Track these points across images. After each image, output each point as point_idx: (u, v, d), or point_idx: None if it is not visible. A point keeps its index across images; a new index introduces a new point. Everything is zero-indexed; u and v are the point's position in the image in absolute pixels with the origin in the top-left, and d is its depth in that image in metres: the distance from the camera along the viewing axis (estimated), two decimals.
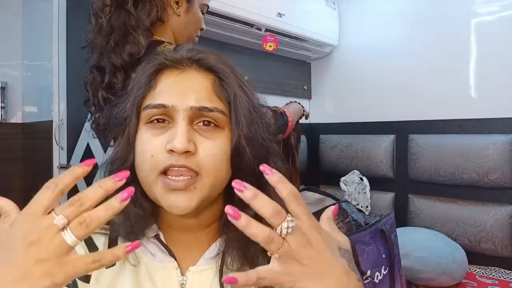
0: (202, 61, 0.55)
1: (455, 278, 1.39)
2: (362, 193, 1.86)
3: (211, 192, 0.52)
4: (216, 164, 0.51)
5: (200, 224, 0.57)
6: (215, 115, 0.52)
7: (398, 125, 1.96)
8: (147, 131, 0.52)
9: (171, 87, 0.53)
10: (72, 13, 2.03)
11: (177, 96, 0.52)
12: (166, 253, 0.55)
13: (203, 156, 0.50)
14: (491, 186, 1.62)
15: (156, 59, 0.56)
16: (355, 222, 0.96)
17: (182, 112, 0.51)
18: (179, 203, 0.50)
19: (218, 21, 1.58)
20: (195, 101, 0.51)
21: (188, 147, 0.48)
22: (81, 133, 1.92)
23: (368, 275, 0.89)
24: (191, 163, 0.49)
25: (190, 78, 0.54)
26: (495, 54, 1.66)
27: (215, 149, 0.51)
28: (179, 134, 0.49)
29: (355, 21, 2.18)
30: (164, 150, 0.49)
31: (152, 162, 0.50)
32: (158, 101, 0.52)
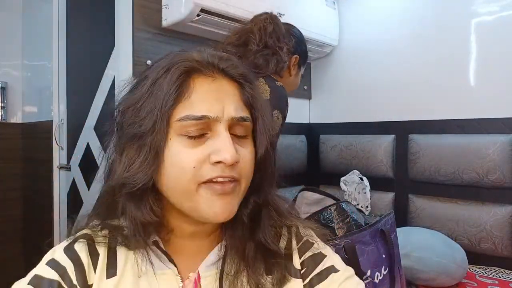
0: (227, 69, 0.54)
1: (455, 278, 1.39)
2: (362, 193, 1.86)
3: (242, 196, 0.54)
4: (250, 171, 0.54)
5: (204, 231, 0.57)
6: (247, 125, 0.54)
7: (398, 125, 1.96)
8: (183, 142, 0.50)
9: (208, 96, 0.51)
10: (72, 13, 2.03)
11: (217, 106, 0.51)
12: (166, 260, 0.55)
13: (243, 165, 0.52)
14: (491, 186, 1.62)
15: (183, 59, 0.52)
16: (355, 222, 0.96)
17: (225, 122, 0.51)
18: (226, 207, 0.50)
19: (218, 21, 1.58)
20: (235, 111, 0.52)
21: (237, 157, 0.49)
22: (81, 133, 1.92)
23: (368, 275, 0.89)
24: (236, 173, 0.51)
25: (223, 87, 0.53)
26: (495, 54, 1.66)
27: (249, 156, 0.53)
28: (228, 146, 0.49)
29: (355, 21, 2.18)
30: (208, 161, 0.49)
31: (194, 173, 0.49)
32: (199, 113, 0.50)
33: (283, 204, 0.64)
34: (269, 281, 0.55)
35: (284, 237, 0.61)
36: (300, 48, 1.40)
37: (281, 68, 1.24)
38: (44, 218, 2.13)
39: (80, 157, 1.92)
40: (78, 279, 0.51)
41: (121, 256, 0.55)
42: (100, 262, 0.54)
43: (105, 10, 1.69)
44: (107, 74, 1.72)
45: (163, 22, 1.58)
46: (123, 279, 0.53)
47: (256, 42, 1.19)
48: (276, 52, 1.21)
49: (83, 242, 0.55)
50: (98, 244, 0.55)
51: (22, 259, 2.40)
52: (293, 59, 1.34)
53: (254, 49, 1.18)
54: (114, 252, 0.55)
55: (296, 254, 0.60)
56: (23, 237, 2.41)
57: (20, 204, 2.41)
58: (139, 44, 1.53)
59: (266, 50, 1.20)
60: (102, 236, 0.56)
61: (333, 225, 0.95)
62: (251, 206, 0.57)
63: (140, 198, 0.53)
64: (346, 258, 0.86)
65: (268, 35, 1.20)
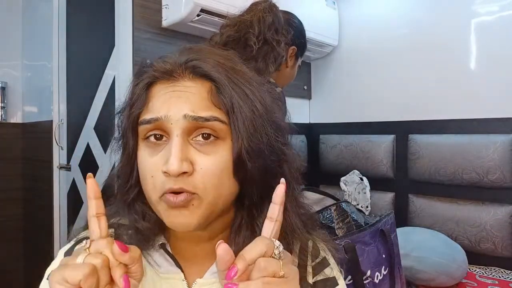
0: (197, 68, 0.50)
1: (455, 278, 1.39)
2: (362, 193, 1.86)
3: (213, 209, 0.49)
4: (215, 182, 0.47)
5: (208, 235, 0.55)
6: (213, 125, 0.48)
7: (398, 125, 1.96)
8: (145, 149, 0.49)
9: (163, 98, 0.49)
10: (72, 13, 2.03)
11: (168, 106, 0.48)
12: (173, 263, 0.54)
13: (201, 175, 0.47)
14: (491, 186, 1.62)
15: (146, 72, 0.52)
16: (355, 222, 0.96)
17: (176, 123, 0.47)
18: (180, 220, 0.47)
19: (218, 21, 1.57)
20: (189, 110, 0.47)
21: (181, 168, 0.45)
22: (81, 133, 1.92)
23: (368, 275, 0.89)
24: (189, 185, 0.46)
25: (183, 88, 0.49)
26: (495, 54, 1.66)
27: (214, 166, 0.47)
28: (172, 154, 0.45)
29: (355, 21, 2.18)
30: (161, 171, 0.47)
31: (152, 183, 0.48)
32: (150, 116, 0.48)
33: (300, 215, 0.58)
34: None
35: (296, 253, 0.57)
36: (298, 40, 1.37)
37: (279, 64, 1.23)
38: (44, 218, 2.13)
39: (80, 157, 1.92)
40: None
41: None
42: None
43: (105, 10, 1.69)
44: (107, 74, 1.72)
45: (163, 22, 1.58)
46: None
47: (255, 37, 1.16)
48: (274, 48, 1.18)
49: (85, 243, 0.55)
50: None
51: (22, 259, 2.40)
52: (290, 50, 1.31)
53: (254, 49, 1.16)
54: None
55: (310, 274, 0.57)
56: (23, 237, 2.41)
57: (20, 204, 2.41)
58: (139, 44, 1.53)
59: (264, 47, 1.18)
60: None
61: (333, 225, 0.95)
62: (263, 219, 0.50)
63: (129, 200, 0.53)
64: (346, 258, 0.86)
65: (267, 27, 1.17)
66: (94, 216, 0.44)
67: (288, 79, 1.39)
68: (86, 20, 1.95)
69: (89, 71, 1.88)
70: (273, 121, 0.52)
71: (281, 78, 1.31)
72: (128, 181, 0.53)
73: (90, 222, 0.44)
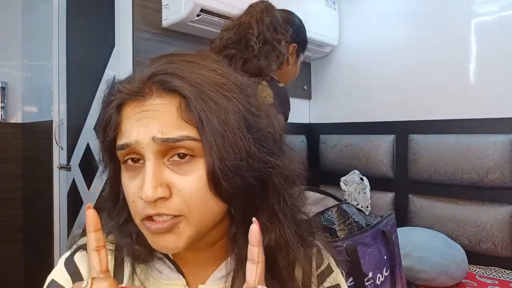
0: (164, 83, 0.46)
1: (455, 278, 1.39)
2: (362, 193, 1.86)
3: (201, 229, 0.47)
4: (199, 201, 0.45)
5: (206, 243, 0.53)
6: (186, 144, 0.44)
7: (398, 125, 1.96)
8: (125, 173, 0.48)
9: (132, 121, 0.46)
10: (72, 13, 2.02)
11: (138, 130, 0.45)
12: (174, 270, 0.53)
13: (181, 197, 0.44)
14: (491, 186, 1.62)
15: (113, 94, 0.49)
16: (356, 224, 0.96)
17: (146, 146, 0.44)
18: (167, 245, 0.45)
19: (218, 21, 1.57)
20: (158, 132, 0.44)
21: (156, 195, 0.43)
22: (81, 133, 1.92)
23: (370, 276, 0.89)
24: (168, 209, 0.44)
25: (151, 107, 0.46)
26: (495, 54, 1.66)
27: (192, 187, 0.45)
28: (145, 181, 0.43)
29: (355, 21, 2.18)
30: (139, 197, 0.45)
31: (134, 208, 0.46)
32: (123, 141, 0.46)
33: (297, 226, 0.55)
34: None
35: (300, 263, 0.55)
36: (298, 37, 1.38)
37: (281, 62, 1.23)
38: (44, 218, 2.13)
39: (80, 157, 1.92)
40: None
41: (129, 263, 0.53)
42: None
43: (105, 10, 1.69)
44: (107, 74, 1.72)
45: (163, 22, 1.58)
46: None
47: (255, 37, 1.17)
48: (275, 47, 1.20)
49: (83, 253, 0.53)
50: None
51: (22, 259, 2.39)
52: (291, 48, 1.32)
53: (255, 49, 1.17)
54: (121, 261, 0.53)
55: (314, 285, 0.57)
56: (23, 237, 2.41)
57: (20, 204, 2.41)
58: (139, 44, 1.53)
59: (265, 47, 1.19)
60: (109, 242, 0.54)
61: (334, 226, 0.95)
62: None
63: (123, 226, 0.52)
64: (348, 260, 0.86)
65: (266, 27, 1.18)
66: (94, 250, 0.43)
67: (290, 76, 1.40)
68: (86, 20, 1.95)
69: (89, 71, 1.88)
70: (257, 130, 0.48)
71: (284, 76, 1.32)
72: (116, 204, 0.52)
73: (90, 256, 0.43)
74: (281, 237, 0.51)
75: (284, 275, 0.51)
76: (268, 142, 0.49)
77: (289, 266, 0.52)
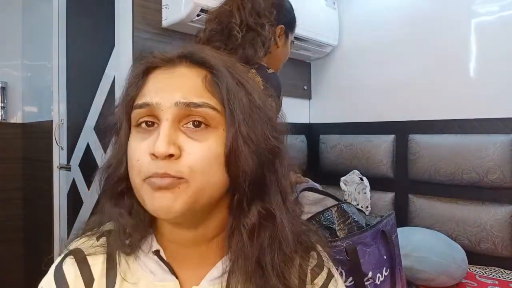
0: (193, 55, 0.51)
1: (455, 278, 1.39)
2: (362, 193, 1.86)
3: (198, 196, 0.47)
4: (204, 167, 0.46)
5: (201, 237, 0.53)
6: (205, 112, 0.47)
7: (398, 125, 1.96)
8: (136, 135, 0.49)
9: (156, 84, 0.50)
10: (72, 13, 2.02)
11: (161, 92, 0.48)
12: (167, 271, 0.52)
13: (188, 160, 0.46)
14: (491, 186, 1.62)
15: (145, 57, 0.53)
16: (356, 224, 0.96)
17: (167, 110, 0.47)
18: (163, 203, 0.45)
19: None
20: (181, 97, 0.47)
21: (168, 150, 0.44)
22: (81, 133, 1.92)
23: (369, 276, 0.89)
24: (174, 170, 0.45)
25: (178, 75, 0.50)
26: (495, 54, 1.66)
27: (203, 152, 0.46)
28: (160, 136, 0.45)
29: (355, 21, 2.18)
30: (148, 155, 0.46)
31: (138, 166, 0.47)
32: (143, 100, 0.48)
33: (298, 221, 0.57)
34: None
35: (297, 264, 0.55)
36: (285, 17, 1.30)
37: (268, 46, 1.18)
38: (44, 218, 2.13)
39: (80, 157, 1.92)
40: None
41: (121, 263, 0.53)
42: (98, 273, 0.52)
43: (105, 10, 1.69)
44: (107, 74, 1.72)
45: (163, 22, 1.58)
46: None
47: (238, 26, 1.13)
48: (259, 33, 1.14)
49: (72, 260, 0.53)
50: (93, 255, 0.53)
51: (22, 259, 2.40)
52: (278, 30, 1.25)
53: (239, 38, 1.12)
54: (114, 260, 0.53)
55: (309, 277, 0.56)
56: (23, 237, 2.41)
57: (20, 204, 2.41)
58: (139, 44, 1.53)
59: (250, 34, 1.14)
60: (99, 245, 0.54)
61: (334, 226, 0.95)
62: (253, 218, 0.50)
63: (119, 197, 0.53)
64: (348, 259, 0.86)
65: (247, 13, 1.14)
66: None
67: (282, 58, 1.34)
68: (86, 20, 1.95)
69: (89, 71, 1.88)
70: (269, 117, 0.52)
71: (275, 59, 1.28)
72: (117, 170, 0.52)
73: None
74: (276, 233, 0.51)
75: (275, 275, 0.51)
76: (277, 130, 0.53)
77: (284, 266, 0.52)
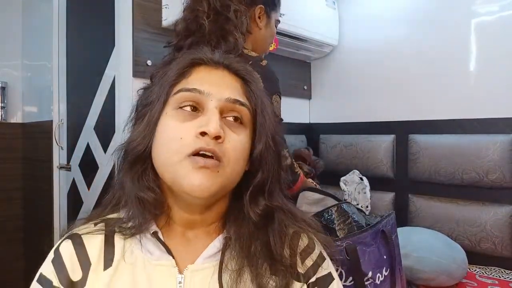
0: (231, 65, 0.60)
1: (455, 278, 1.39)
2: (362, 193, 1.86)
3: (228, 181, 0.54)
4: (237, 156, 0.54)
5: (204, 221, 0.58)
6: (244, 111, 0.56)
7: (398, 125, 1.96)
8: (176, 117, 0.54)
9: (204, 78, 0.57)
10: (72, 13, 2.02)
11: (211, 85, 0.55)
12: (164, 251, 0.55)
13: (229, 146, 0.53)
14: (491, 186, 1.62)
15: (194, 53, 0.60)
16: (356, 223, 0.96)
17: (216, 101, 0.54)
18: (204, 181, 0.50)
19: None
20: (230, 93, 0.55)
21: (220, 132, 0.51)
22: (81, 133, 1.92)
23: (369, 276, 0.89)
24: (219, 150, 0.52)
25: (222, 76, 0.58)
26: (495, 54, 1.66)
27: (238, 143, 0.55)
28: (213, 119, 0.52)
29: (355, 21, 2.18)
30: (194, 135, 0.52)
31: (181, 144, 0.51)
32: (191, 86, 0.55)
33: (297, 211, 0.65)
34: (273, 284, 0.54)
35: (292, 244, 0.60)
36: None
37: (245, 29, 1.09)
38: (44, 218, 2.13)
39: (80, 157, 1.92)
40: (62, 282, 0.54)
41: (119, 245, 0.56)
42: (95, 253, 0.55)
43: (105, 10, 1.69)
44: (107, 74, 1.72)
45: (163, 22, 1.58)
46: (119, 270, 0.54)
47: (206, 12, 1.05)
48: (227, 17, 1.06)
49: (69, 242, 0.57)
50: (90, 238, 0.57)
51: (22, 259, 2.40)
52: (258, 10, 1.18)
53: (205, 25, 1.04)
54: (112, 242, 0.57)
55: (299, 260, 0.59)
56: (23, 237, 2.41)
57: (20, 204, 2.41)
58: (139, 44, 1.53)
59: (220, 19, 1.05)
60: (97, 229, 0.58)
61: (334, 226, 0.95)
62: (261, 207, 0.58)
63: (137, 170, 0.56)
64: (348, 259, 0.86)
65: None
66: None
67: (266, 39, 1.26)
68: (86, 20, 1.95)
69: (89, 71, 1.88)
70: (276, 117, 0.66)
71: (258, 41, 1.21)
72: (140, 146, 0.56)
73: None
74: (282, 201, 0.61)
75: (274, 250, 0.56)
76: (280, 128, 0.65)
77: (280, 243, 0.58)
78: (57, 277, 0.54)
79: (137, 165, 0.57)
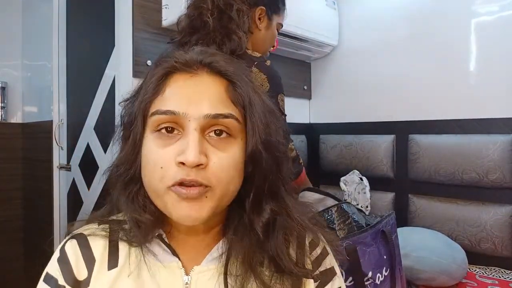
0: (214, 64, 0.52)
1: (455, 278, 1.39)
2: (362, 193, 1.86)
3: (221, 202, 0.50)
4: (227, 176, 0.49)
5: (206, 227, 0.56)
6: (230, 123, 0.50)
7: (398, 125, 1.96)
8: (155, 141, 0.50)
9: (181, 92, 0.50)
10: (72, 13, 2.03)
11: (188, 102, 0.49)
12: (169, 252, 0.55)
13: (214, 169, 0.48)
14: (491, 186, 1.62)
15: (166, 61, 0.53)
16: (356, 224, 0.96)
17: (195, 121, 0.48)
18: (191, 213, 0.48)
19: None
20: (209, 108, 0.49)
21: (200, 160, 0.46)
22: (81, 133, 1.92)
23: (369, 276, 0.89)
24: (202, 177, 0.47)
25: (201, 83, 0.51)
26: (495, 54, 1.66)
27: (227, 161, 0.49)
28: (191, 145, 0.47)
29: (355, 21, 2.18)
30: (174, 163, 0.47)
31: (162, 174, 0.48)
32: (167, 107, 0.49)
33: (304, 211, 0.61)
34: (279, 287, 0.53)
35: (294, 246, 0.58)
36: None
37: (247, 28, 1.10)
38: (44, 218, 2.13)
39: (80, 157, 1.92)
40: (67, 281, 0.53)
41: (123, 247, 0.55)
42: (99, 253, 0.55)
43: (105, 10, 1.69)
44: (107, 74, 1.72)
45: (163, 22, 1.58)
46: (124, 271, 0.54)
47: (210, 10, 1.06)
48: (230, 17, 1.06)
49: (74, 242, 0.56)
50: (95, 238, 0.56)
51: (22, 259, 2.40)
52: (258, 12, 1.18)
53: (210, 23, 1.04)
54: (116, 244, 0.56)
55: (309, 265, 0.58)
56: (23, 237, 2.41)
57: (20, 204, 2.41)
58: (139, 44, 1.53)
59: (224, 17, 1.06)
60: (101, 229, 0.57)
61: (334, 226, 0.95)
62: (266, 215, 0.54)
63: (131, 191, 0.55)
64: (348, 259, 0.86)
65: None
66: None
67: (266, 41, 1.25)
68: (86, 20, 1.95)
69: (89, 71, 1.88)
70: (276, 117, 0.56)
71: (258, 43, 1.21)
72: (130, 171, 0.54)
73: None
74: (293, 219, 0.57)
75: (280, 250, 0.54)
76: (281, 129, 0.58)
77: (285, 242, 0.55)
78: (63, 275, 0.54)
79: (130, 186, 0.55)
